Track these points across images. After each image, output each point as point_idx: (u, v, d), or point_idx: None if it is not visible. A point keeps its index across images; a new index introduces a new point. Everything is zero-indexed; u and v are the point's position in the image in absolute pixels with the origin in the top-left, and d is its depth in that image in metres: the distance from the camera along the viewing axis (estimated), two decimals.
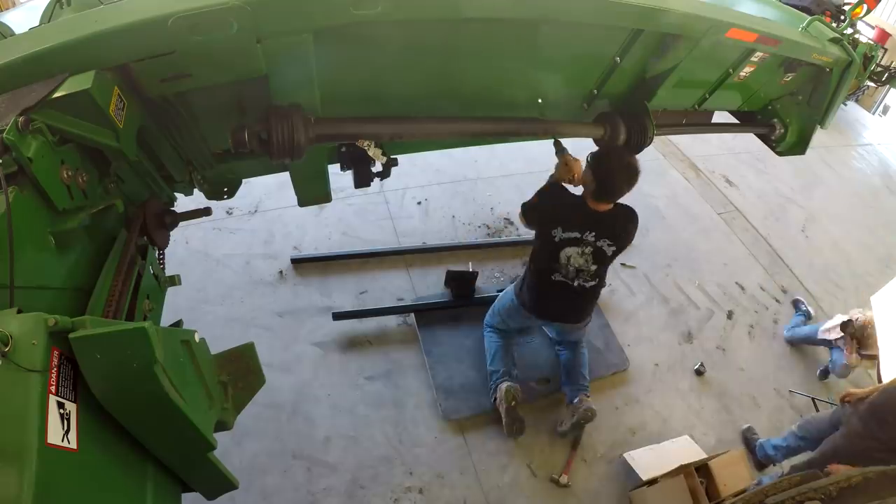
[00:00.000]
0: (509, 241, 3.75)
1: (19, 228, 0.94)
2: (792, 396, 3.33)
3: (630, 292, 3.66)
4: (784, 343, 3.68)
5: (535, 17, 1.52)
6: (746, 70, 2.20)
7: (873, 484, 1.76)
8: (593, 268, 2.38)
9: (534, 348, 3.10)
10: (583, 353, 2.86)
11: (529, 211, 2.43)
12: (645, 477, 2.56)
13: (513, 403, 2.62)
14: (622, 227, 2.35)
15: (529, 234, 3.81)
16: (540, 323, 2.79)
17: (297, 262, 3.29)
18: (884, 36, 6.58)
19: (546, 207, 2.37)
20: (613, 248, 2.34)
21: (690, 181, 4.90)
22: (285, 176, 2.02)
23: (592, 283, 2.45)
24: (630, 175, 2.14)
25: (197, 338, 1.20)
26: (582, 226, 2.29)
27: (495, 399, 2.68)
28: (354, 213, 3.73)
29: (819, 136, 2.64)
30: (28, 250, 1.01)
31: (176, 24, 1.09)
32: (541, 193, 2.40)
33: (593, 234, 2.29)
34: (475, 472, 2.59)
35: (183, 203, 1.88)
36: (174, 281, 1.80)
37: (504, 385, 2.66)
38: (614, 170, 2.14)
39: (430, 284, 3.34)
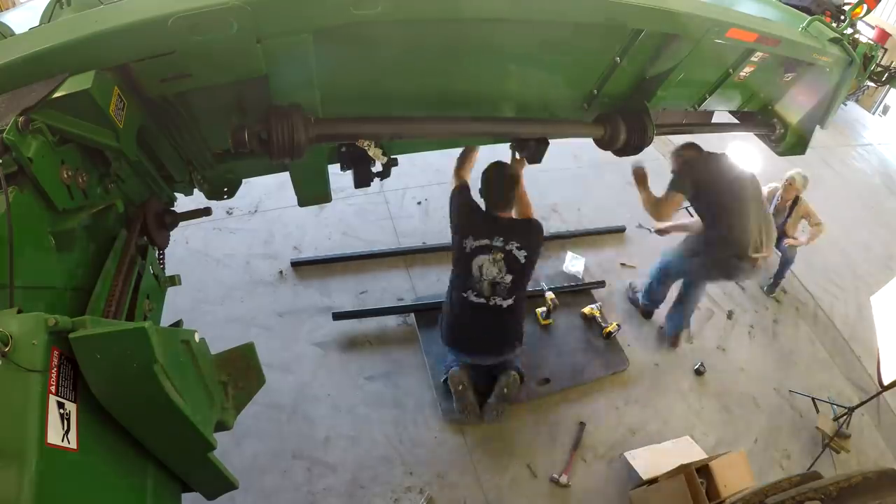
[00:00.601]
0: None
1: (19, 228, 0.94)
2: (792, 396, 3.33)
3: (630, 292, 3.66)
4: (784, 343, 3.67)
5: (535, 18, 1.52)
6: (746, 70, 2.20)
7: (873, 484, 1.76)
8: (508, 278, 2.45)
9: (533, 348, 3.10)
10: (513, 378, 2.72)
11: (450, 208, 2.59)
12: (645, 476, 2.56)
13: (460, 388, 2.65)
14: (527, 231, 2.50)
15: None
16: (460, 357, 2.71)
17: (298, 265, 3.29)
18: (884, 36, 6.58)
19: (459, 213, 2.53)
20: (525, 254, 2.45)
21: None
22: (285, 176, 2.02)
23: (509, 300, 2.49)
24: (508, 181, 2.44)
25: (197, 338, 1.20)
26: (489, 231, 2.43)
27: (446, 380, 2.71)
28: (354, 213, 3.73)
29: (819, 136, 2.64)
30: (28, 250, 1.01)
31: (176, 24, 1.09)
32: (452, 194, 2.58)
33: (501, 238, 2.42)
34: (475, 472, 2.59)
35: (183, 203, 1.88)
36: (174, 281, 1.80)
37: (452, 369, 2.69)
38: (492, 180, 2.45)
39: (430, 284, 3.34)
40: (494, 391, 2.68)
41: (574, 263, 3.67)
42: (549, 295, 3.28)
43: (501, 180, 2.46)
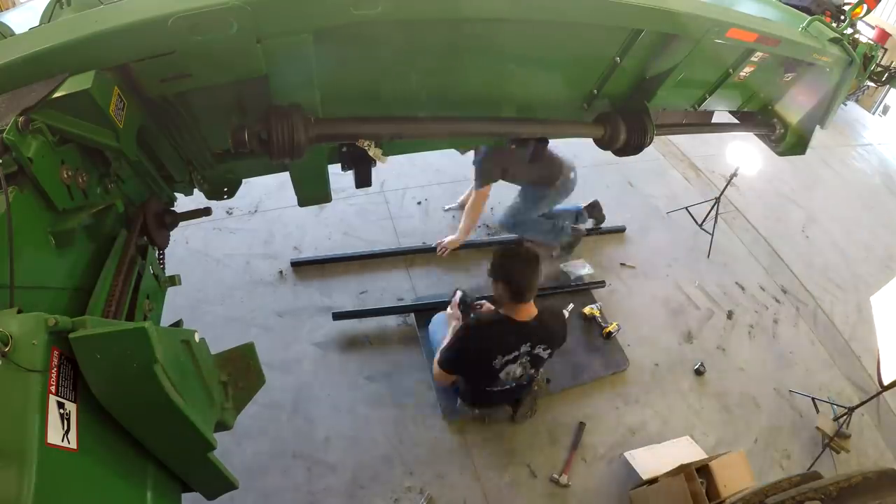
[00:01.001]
0: (509, 240, 3.75)
1: (19, 228, 0.94)
2: (792, 396, 3.33)
3: (630, 292, 3.66)
4: (784, 343, 3.67)
5: (535, 18, 1.52)
6: (746, 70, 2.20)
7: (873, 484, 1.76)
8: (531, 371, 2.44)
9: None
10: None
11: (455, 363, 2.38)
12: (645, 476, 2.56)
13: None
14: (553, 331, 2.36)
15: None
16: None
17: (298, 266, 3.29)
18: (884, 36, 6.58)
19: (476, 349, 2.31)
20: (549, 351, 2.39)
21: (690, 181, 4.90)
22: (285, 176, 2.02)
23: (529, 378, 2.50)
24: (532, 266, 2.15)
25: (197, 338, 1.20)
26: (517, 343, 2.28)
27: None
28: (355, 213, 3.73)
29: (819, 136, 2.63)
30: (28, 250, 1.01)
31: (176, 24, 1.09)
32: (460, 339, 2.32)
33: (528, 344, 2.29)
34: (475, 472, 2.59)
35: (183, 203, 1.88)
36: (174, 281, 1.80)
37: None
38: (516, 269, 2.15)
39: (430, 284, 3.34)
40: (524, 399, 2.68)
41: (577, 267, 3.65)
42: None
43: (526, 266, 2.16)
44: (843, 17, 2.33)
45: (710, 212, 4.19)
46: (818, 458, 2.97)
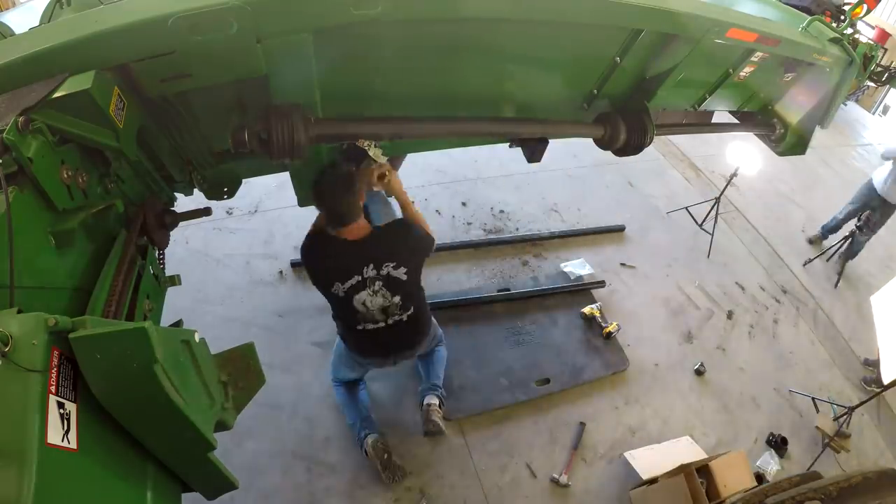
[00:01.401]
0: (509, 239, 3.75)
1: (19, 228, 0.94)
2: (792, 396, 3.33)
3: (630, 292, 3.66)
4: (784, 343, 3.67)
5: (535, 18, 1.52)
6: (746, 70, 2.20)
7: (873, 484, 1.76)
8: (396, 300, 2.10)
9: (533, 348, 3.11)
10: (437, 351, 2.65)
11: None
12: (645, 476, 2.57)
13: (385, 457, 2.43)
14: (395, 243, 2.07)
15: (528, 231, 3.84)
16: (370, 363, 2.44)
17: (298, 266, 3.28)
18: (884, 36, 6.59)
19: (313, 270, 2.10)
20: (404, 269, 2.06)
21: (690, 181, 4.91)
22: (285, 176, 2.02)
23: (408, 312, 2.18)
24: (344, 186, 1.89)
25: (197, 338, 1.20)
26: (356, 265, 2.00)
27: (367, 453, 2.44)
28: None
29: (819, 136, 2.64)
30: (28, 250, 1.01)
31: (176, 24, 1.09)
32: (302, 252, 2.10)
33: (372, 265, 2.01)
34: (475, 472, 2.59)
35: (183, 203, 1.88)
36: (174, 281, 1.80)
37: (369, 440, 2.43)
38: (329, 187, 1.89)
39: (429, 284, 3.34)
40: (423, 424, 2.49)
41: (577, 267, 3.65)
42: None
43: (335, 183, 1.90)
44: (843, 17, 2.33)
45: (710, 212, 4.19)
46: (818, 458, 2.97)
